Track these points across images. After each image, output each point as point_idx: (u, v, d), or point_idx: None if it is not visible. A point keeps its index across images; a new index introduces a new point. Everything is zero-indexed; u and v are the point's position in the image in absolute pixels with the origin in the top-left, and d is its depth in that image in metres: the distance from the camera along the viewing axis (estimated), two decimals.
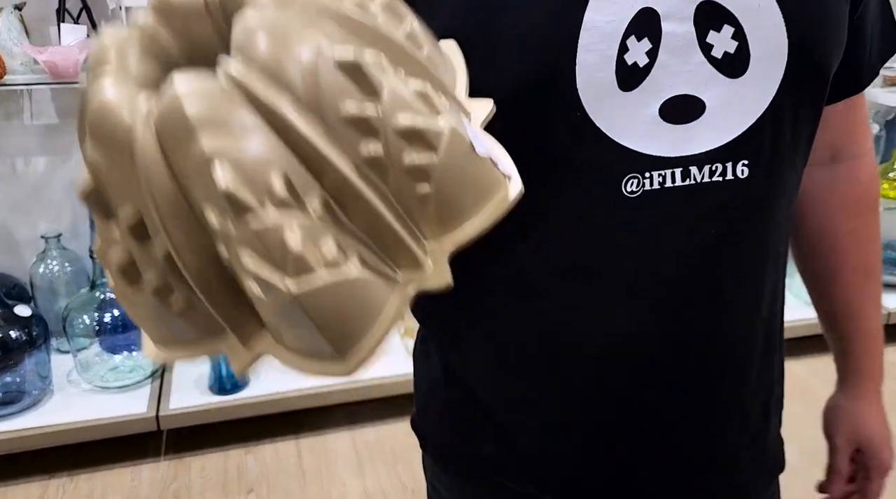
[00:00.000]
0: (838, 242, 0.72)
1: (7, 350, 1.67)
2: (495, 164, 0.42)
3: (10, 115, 1.90)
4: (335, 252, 0.37)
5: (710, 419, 0.62)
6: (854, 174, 0.72)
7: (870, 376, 0.75)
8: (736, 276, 0.59)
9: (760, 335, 0.63)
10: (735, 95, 0.53)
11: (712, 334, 0.60)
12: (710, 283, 0.58)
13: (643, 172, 0.53)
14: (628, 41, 0.51)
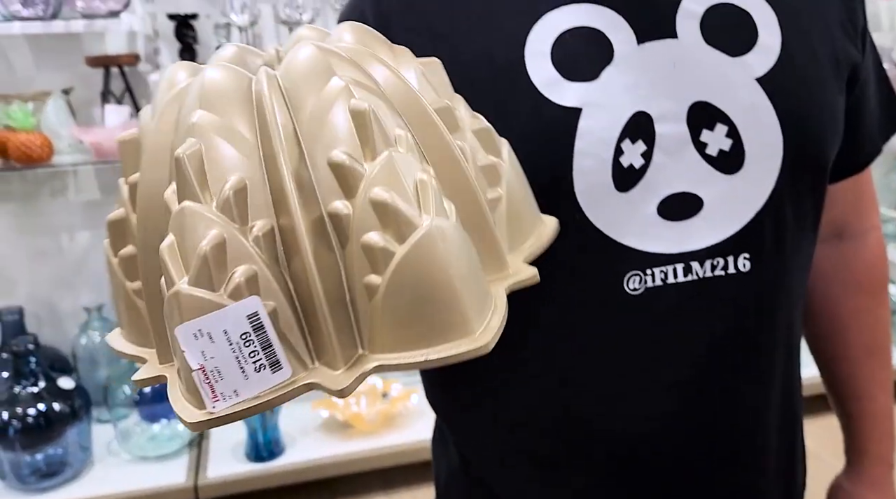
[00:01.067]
0: (844, 321, 0.71)
1: (50, 423, 1.70)
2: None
3: (56, 193, 1.98)
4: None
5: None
6: (860, 252, 0.71)
7: (875, 460, 0.72)
8: (746, 368, 0.59)
9: (774, 425, 0.62)
10: (732, 191, 0.54)
11: (725, 427, 0.59)
12: (720, 377, 0.58)
13: (644, 270, 0.54)
14: (623, 144, 0.53)
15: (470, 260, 0.37)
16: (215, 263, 0.33)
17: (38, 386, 1.70)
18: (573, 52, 0.53)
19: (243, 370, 0.34)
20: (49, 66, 1.88)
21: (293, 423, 1.97)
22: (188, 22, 1.88)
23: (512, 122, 0.52)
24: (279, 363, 0.35)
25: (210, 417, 0.34)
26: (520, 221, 0.45)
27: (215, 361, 0.34)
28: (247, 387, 0.34)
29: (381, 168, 0.35)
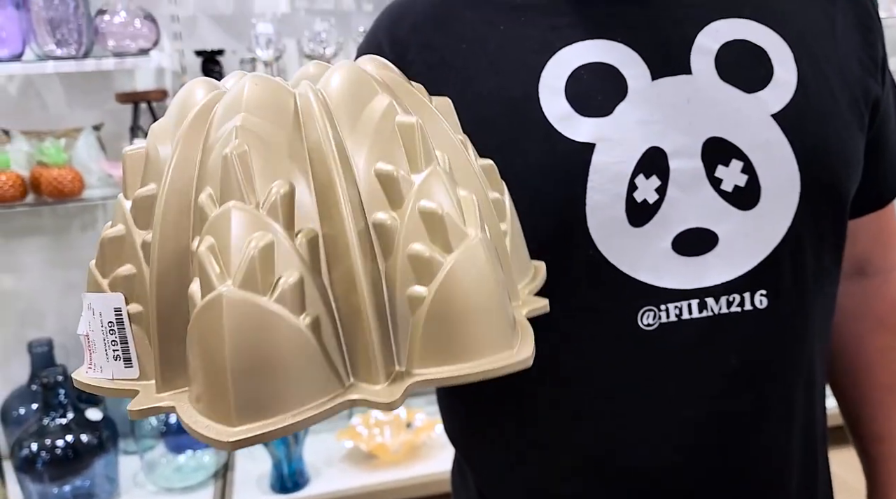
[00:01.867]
0: (867, 360, 0.70)
1: (79, 454, 1.72)
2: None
3: (86, 227, 2.02)
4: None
5: None
6: (884, 289, 0.70)
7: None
8: (764, 404, 0.58)
9: (796, 461, 0.61)
10: (748, 227, 0.54)
11: (745, 464, 0.58)
12: (738, 413, 0.57)
13: (658, 305, 0.54)
14: (637, 179, 0.53)
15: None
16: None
17: (66, 418, 1.72)
18: (587, 88, 0.53)
19: (107, 353, 0.38)
20: (80, 104, 1.93)
21: (318, 454, 1.96)
22: (214, 58, 1.92)
23: (525, 157, 0.53)
24: (129, 361, 0.37)
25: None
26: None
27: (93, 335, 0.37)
28: (108, 369, 0.37)
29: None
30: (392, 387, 0.34)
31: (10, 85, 1.90)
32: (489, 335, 0.35)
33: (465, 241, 0.35)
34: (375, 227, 0.35)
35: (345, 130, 0.37)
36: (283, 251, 0.33)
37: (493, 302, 0.35)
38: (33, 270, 1.99)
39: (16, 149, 1.78)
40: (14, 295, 1.99)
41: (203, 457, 1.90)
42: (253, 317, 0.32)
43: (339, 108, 0.37)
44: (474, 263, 0.35)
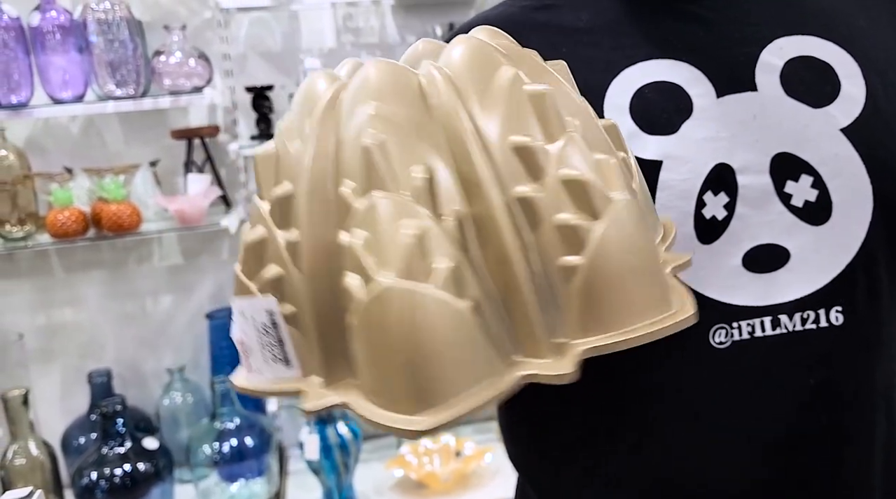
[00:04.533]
0: None
1: (136, 483, 1.75)
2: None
3: (142, 259, 2.08)
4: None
5: None
6: None
7: None
8: (843, 426, 0.56)
9: (877, 487, 0.59)
10: (821, 242, 0.53)
11: (823, 488, 0.57)
12: (815, 435, 0.56)
13: (731, 323, 0.53)
14: (705, 196, 0.52)
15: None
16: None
17: (124, 447, 1.76)
18: (652, 107, 0.54)
19: (265, 357, 0.36)
20: (137, 141, 2.01)
21: (367, 483, 1.96)
22: (264, 93, 1.98)
23: None
24: (288, 360, 0.35)
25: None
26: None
27: (249, 340, 0.35)
28: (267, 370, 0.36)
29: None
30: (560, 361, 0.34)
31: (72, 125, 1.99)
32: (647, 298, 0.35)
33: (611, 205, 0.34)
34: (520, 200, 0.34)
35: (474, 105, 0.36)
36: (435, 237, 0.33)
37: (646, 264, 0.35)
38: (92, 303, 2.06)
39: (78, 186, 1.85)
40: (74, 327, 2.06)
41: (255, 486, 1.91)
42: (419, 306, 0.31)
43: (466, 82, 0.36)
44: (623, 227, 0.34)
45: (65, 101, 1.76)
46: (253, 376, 0.39)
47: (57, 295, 2.04)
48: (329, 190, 0.36)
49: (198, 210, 1.86)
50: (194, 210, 1.86)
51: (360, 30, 2.07)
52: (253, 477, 1.92)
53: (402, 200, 0.33)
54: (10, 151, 1.81)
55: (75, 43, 1.74)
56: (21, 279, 2.02)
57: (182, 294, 2.10)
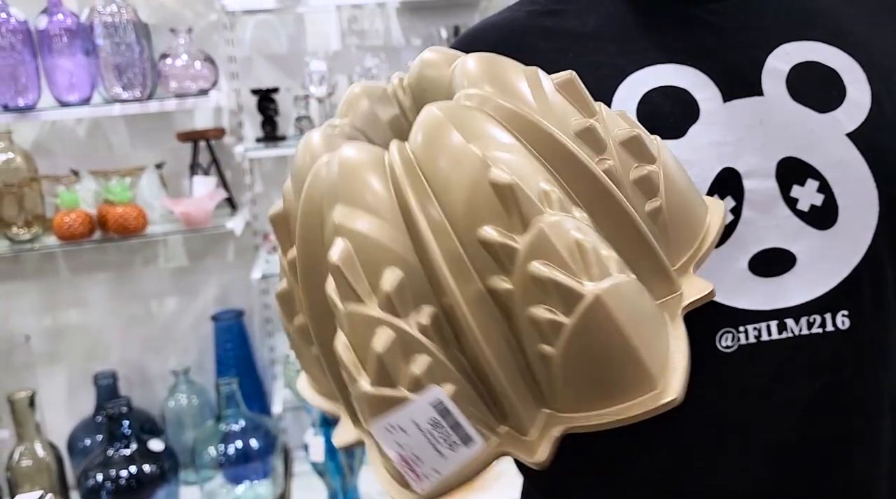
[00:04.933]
0: None
1: (141, 484, 1.75)
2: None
3: (148, 261, 2.08)
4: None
5: None
6: None
7: None
8: (849, 430, 0.56)
9: (885, 492, 0.58)
10: (827, 246, 0.53)
11: (829, 490, 0.57)
12: (822, 439, 0.56)
13: (737, 327, 0.53)
14: None
15: (643, 308, 0.36)
16: (391, 361, 0.34)
17: (130, 448, 1.76)
18: (659, 110, 0.54)
19: (439, 451, 0.35)
20: (143, 143, 2.01)
21: (373, 485, 1.96)
22: (269, 96, 1.98)
23: None
24: (470, 438, 0.35)
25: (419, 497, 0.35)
26: (686, 220, 0.43)
27: (411, 449, 0.35)
28: (445, 465, 0.35)
29: (534, 240, 0.35)
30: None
31: (78, 128, 1.99)
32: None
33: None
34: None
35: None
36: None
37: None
38: (98, 305, 2.06)
39: (84, 188, 1.86)
40: (80, 329, 2.06)
41: (260, 488, 1.91)
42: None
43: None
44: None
45: (71, 103, 1.77)
46: (428, 481, 0.36)
47: (63, 297, 2.04)
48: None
49: (203, 212, 1.86)
50: (200, 212, 1.86)
51: (364, 32, 2.08)
52: (258, 479, 1.92)
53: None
54: (17, 153, 1.81)
55: (82, 46, 1.74)
56: (27, 281, 2.02)
57: (187, 296, 2.11)
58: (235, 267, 2.11)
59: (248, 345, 2.09)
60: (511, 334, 0.35)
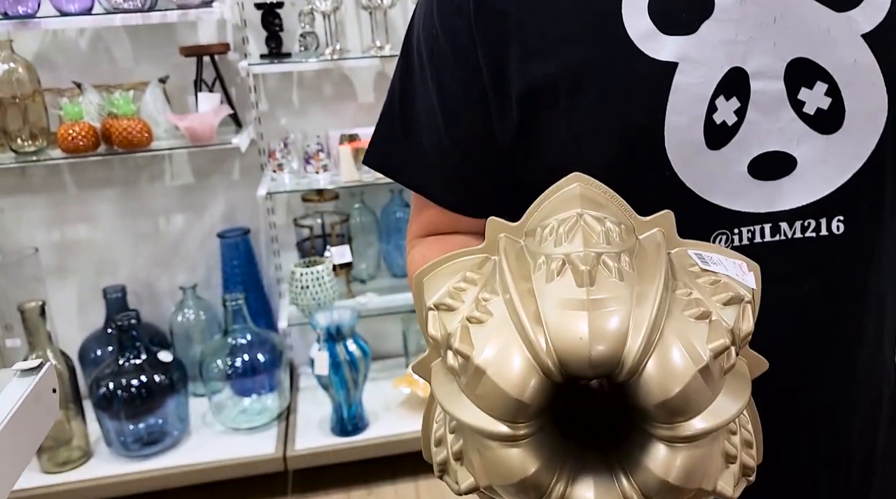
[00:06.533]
0: None
1: (152, 394, 1.80)
2: None
3: (154, 178, 2.09)
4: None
5: (802, 476, 0.60)
6: None
7: None
8: (833, 330, 0.57)
9: (864, 393, 0.60)
10: (829, 151, 0.53)
11: (809, 390, 0.58)
12: (805, 338, 0.56)
13: (732, 229, 0.53)
14: (717, 101, 0.52)
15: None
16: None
17: (140, 359, 1.80)
18: (671, 5, 0.52)
19: None
20: (146, 58, 1.98)
21: (376, 399, 2.01)
22: (274, 10, 1.94)
23: (606, 75, 0.52)
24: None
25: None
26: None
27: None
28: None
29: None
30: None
31: (80, 39, 1.96)
32: None
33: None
34: None
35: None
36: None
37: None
38: (105, 221, 2.08)
39: (87, 101, 1.84)
40: (88, 244, 2.09)
41: (267, 400, 1.97)
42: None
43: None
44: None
45: (71, 13, 1.73)
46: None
47: (70, 211, 2.06)
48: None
49: (208, 128, 1.85)
50: (205, 128, 1.85)
51: None
52: (265, 392, 1.97)
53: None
54: (19, 63, 1.79)
55: None
56: (35, 195, 2.03)
57: (194, 213, 2.12)
58: (241, 185, 2.11)
59: (254, 262, 2.11)
60: None
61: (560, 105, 0.53)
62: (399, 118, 0.62)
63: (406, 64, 0.61)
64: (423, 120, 0.60)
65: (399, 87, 0.62)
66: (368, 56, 1.96)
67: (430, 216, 0.62)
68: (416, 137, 0.60)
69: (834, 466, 0.61)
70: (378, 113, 0.64)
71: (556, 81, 0.53)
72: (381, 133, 0.64)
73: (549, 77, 0.53)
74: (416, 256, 0.63)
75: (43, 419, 0.49)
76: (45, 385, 0.50)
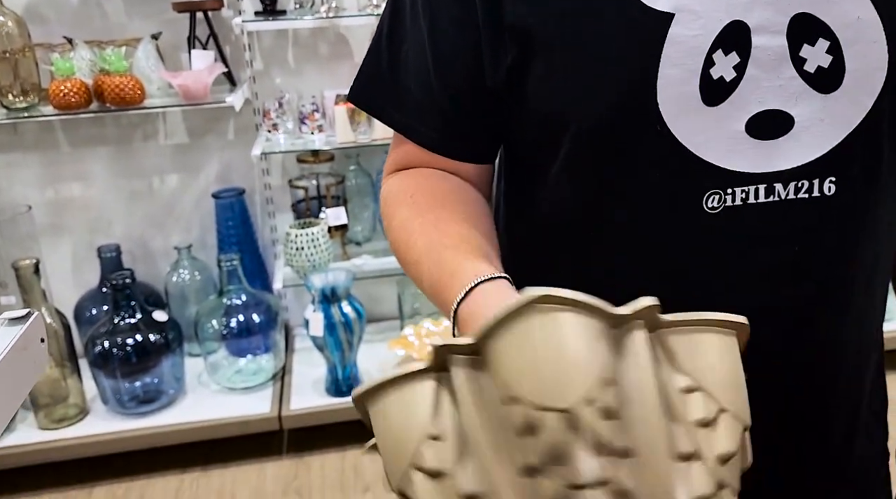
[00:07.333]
0: None
1: (147, 352, 1.81)
2: None
3: (148, 137, 2.06)
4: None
5: (782, 436, 0.60)
6: None
7: None
8: (821, 292, 0.56)
9: (849, 357, 0.60)
10: (826, 111, 0.52)
11: (796, 353, 0.58)
12: (794, 299, 0.56)
13: (725, 188, 0.52)
14: (715, 55, 0.50)
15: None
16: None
17: (135, 318, 1.81)
18: None
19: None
20: (139, 14, 1.95)
21: (371, 361, 2.02)
22: None
23: (600, 23, 0.51)
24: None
25: None
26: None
27: None
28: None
29: None
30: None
31: None
32: None
33: None
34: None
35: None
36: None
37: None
38: (99, 179, 2.06)
39: (79, 57, 1.81)
40: (82, 203, 2.07)
41: (262, 361, 1.98)
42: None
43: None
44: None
45: None
46: None
47: (64, 169, 2.04)
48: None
49: (202, 86, 1.82)
50: (198, 86, 1.82)
51: None
52: (260, 353, 1.98)
53: None
54: (9, 17, 1.76)
55: None
56: (27, 152, 2.01)
57: (188, 173, 2.10)
58: (236, 145, 2.09)
59: (249, 223, 2.10)
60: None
61: (551, 50, 0.51)
62: (386, 56, 0.60)
63: (395, 1, 0.60)
64: (411, 59, 0.59)
65: (388, 24, 0.61)
66: (364, 14, 1.93)
67: (409, 151, 0.62)
68: (402, 76, 0.59)
69: (813, 427, 0.61)
70: None
71: (548, 23, 0.52)
72: (367, 70, 0.63)
73: (542, 18, 0.52)
74: (393, 187, 0.62)
75: (31, 368, 0.49)
76: (33, 334, 0.50)
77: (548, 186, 0.58)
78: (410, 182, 0.61)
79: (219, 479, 1.85)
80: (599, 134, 0.52)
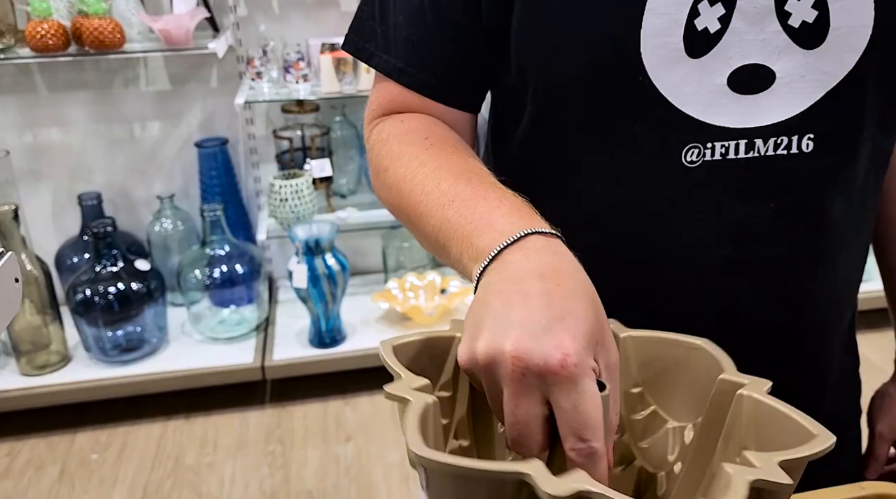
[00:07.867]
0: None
1: (129, 301, 1.81)
2: None
3: (128, 83, 2.02)
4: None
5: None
6: None
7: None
8: (795, 249, 0.57)
9: (823, 312, 0.61)
10: (808, 67, 0.51)
11: (770, 307, 0.58)
12: (769, 257, 0.56)
13: (705, 143, 0.52)
14: (700, 5, 0.49)
15: None
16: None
17: (117, 266, 1.80)
18: None
19: None
20: None
21: (355, 313, 2.04)
22: None
23: None
24: None
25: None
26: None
27: None
28: None
29: None
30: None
31: None
32: None
33: None
34: None
35: None
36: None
37: None
38: (79, 125, 2.02)
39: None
40: (62, 149, 2.04)
41: (245, 312, 1.98)
42: None
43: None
44: None
45: None
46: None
47: (42, 114, 2.00)
48: None
49: (184, 31, 1.78)
50: (180, 31, 1.78)
51: None
52: (243, 304, 1.98)
53: None
54: None
55: None
56: (4, 96, 1.97)
57: (170, 121, 2.07)
58: (219, 94, 2.05)
59: (232, 173, 2.08)
60: None
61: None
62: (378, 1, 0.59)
63: None
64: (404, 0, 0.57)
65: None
66: None
67: (395, 97, 0.60)
68: (394, 18, 0.58)
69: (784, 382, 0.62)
70: None
71: None
72: (360, 16, 0.61)
73: None
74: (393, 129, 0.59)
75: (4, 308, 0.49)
76: (7, 274, 0.49)
77: (530, 136, 0.58)
78: (419, 125, 0.58)
79: (202, 426, 1.87)
80: (581, 82, 0.52)
